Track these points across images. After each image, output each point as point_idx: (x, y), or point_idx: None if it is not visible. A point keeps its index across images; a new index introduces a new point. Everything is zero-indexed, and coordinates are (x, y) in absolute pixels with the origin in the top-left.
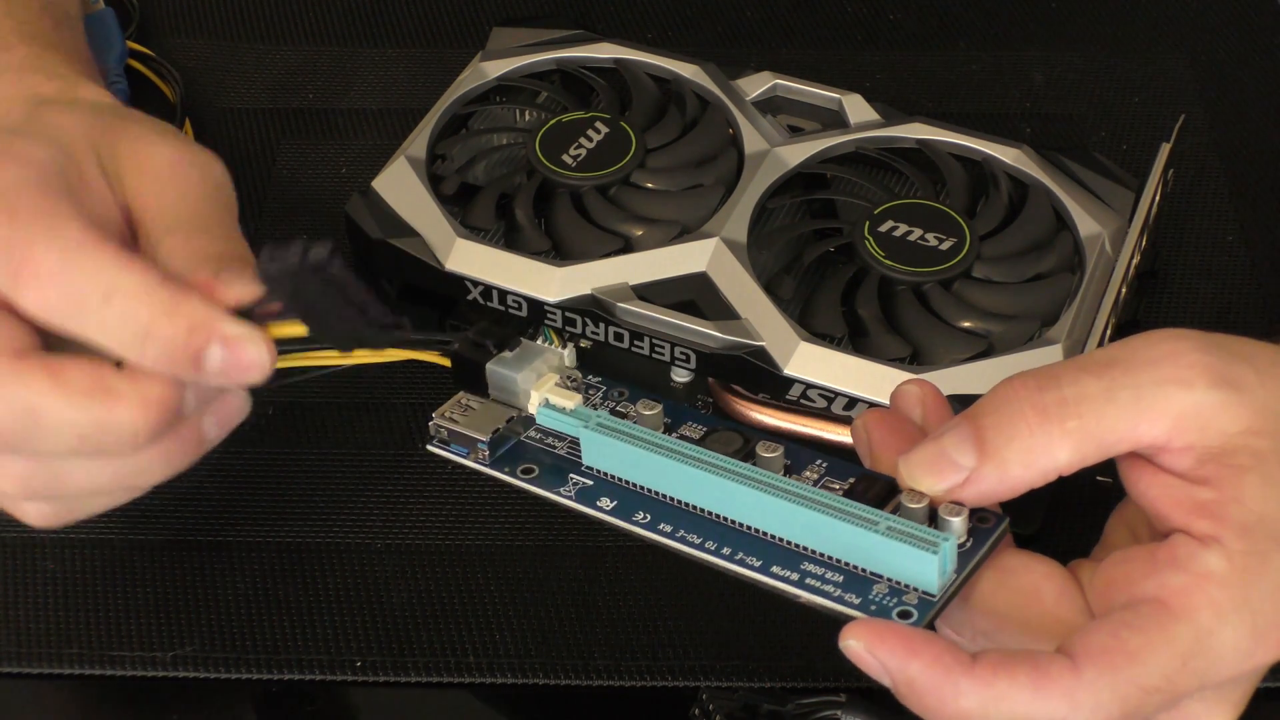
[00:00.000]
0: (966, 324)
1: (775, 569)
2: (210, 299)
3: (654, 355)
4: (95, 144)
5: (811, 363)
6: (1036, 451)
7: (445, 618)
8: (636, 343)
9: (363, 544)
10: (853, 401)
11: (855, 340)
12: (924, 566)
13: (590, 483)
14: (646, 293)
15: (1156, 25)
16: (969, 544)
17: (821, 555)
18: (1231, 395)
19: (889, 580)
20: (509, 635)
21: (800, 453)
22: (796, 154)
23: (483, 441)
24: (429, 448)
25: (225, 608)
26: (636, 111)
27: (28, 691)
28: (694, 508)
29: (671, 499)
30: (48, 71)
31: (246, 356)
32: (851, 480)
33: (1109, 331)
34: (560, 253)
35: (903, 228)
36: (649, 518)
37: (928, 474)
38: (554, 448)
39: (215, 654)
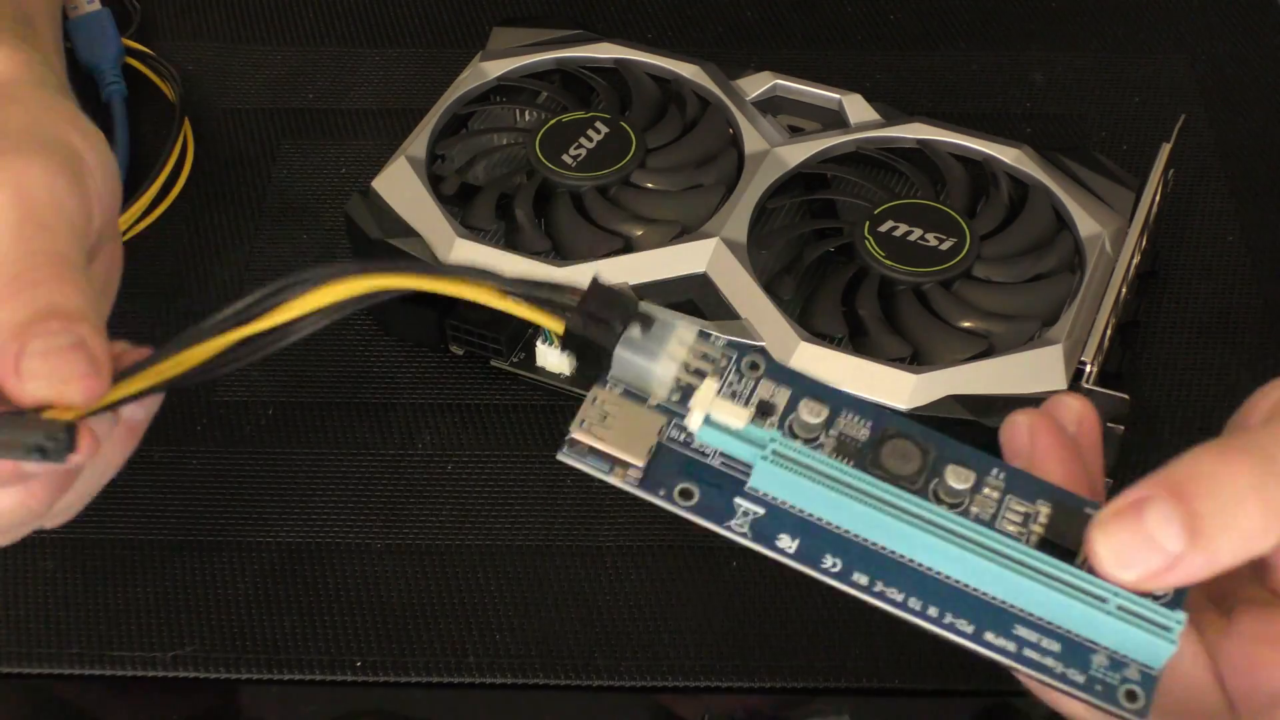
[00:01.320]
0: (967, 324)
1: (989, 636)
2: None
3: None
4: None
5: (811, 363)
6: (1254, 539)
7: (445, 618)
8: None
9: (363, 544)
10: None
11: (855, 340)
12: (1155, 650)
13: (762, 511)
14: (646, 293)
15: (1156, 25)
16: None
17: (1035, 617)
18: None
19: (1107, 650)
20: (509, 635)
21: (979, 460)
22: (796, 154)
23: (637, 465)
24: (561, 457)
25: (225, 608)
26: (636, 111)
27: (28, 691)
28: (890, 550)
29: (861, 538)
30: None
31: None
32: (1047, 512)
33: (1109, 331)
34: (560, 253)
35: (903, 228)
36: (839, 565)
37: (1129, 558)
38: (706, 455)
39: (215, 654)
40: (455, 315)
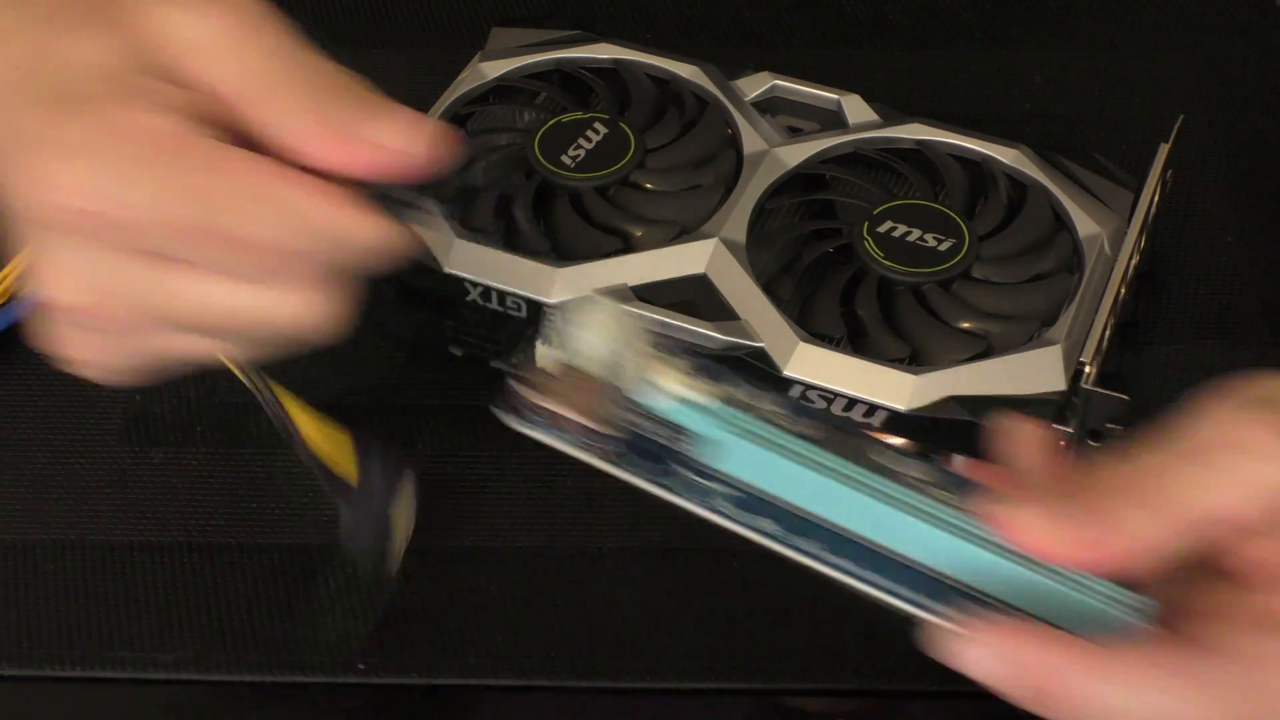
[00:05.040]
0: (965, 324)
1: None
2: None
3: None
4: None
5: (811, 363)
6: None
7: (444, 618)
8: None
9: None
10: (852, 402)
11: (854, 341)
12: (1127, 631)
13: (737, 493)
14: (645, 293)
15: (1156, 25)
16: None
17: (1008, 604)
18: None
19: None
20: (509, 635)
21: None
22: (795, 154)
23: (615, 439)
24: (514, 425)
25: (225, 608)
26: (635, 112)
27: (28, 693)
28: (863, 538)
29: (832, 523)
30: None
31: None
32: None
33: (1108, 331)
34: (559, 253)
35: (902, 228)
36: (823, 551)
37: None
38: (656, 435)
39: (215, 655)
40: (455, 316)
